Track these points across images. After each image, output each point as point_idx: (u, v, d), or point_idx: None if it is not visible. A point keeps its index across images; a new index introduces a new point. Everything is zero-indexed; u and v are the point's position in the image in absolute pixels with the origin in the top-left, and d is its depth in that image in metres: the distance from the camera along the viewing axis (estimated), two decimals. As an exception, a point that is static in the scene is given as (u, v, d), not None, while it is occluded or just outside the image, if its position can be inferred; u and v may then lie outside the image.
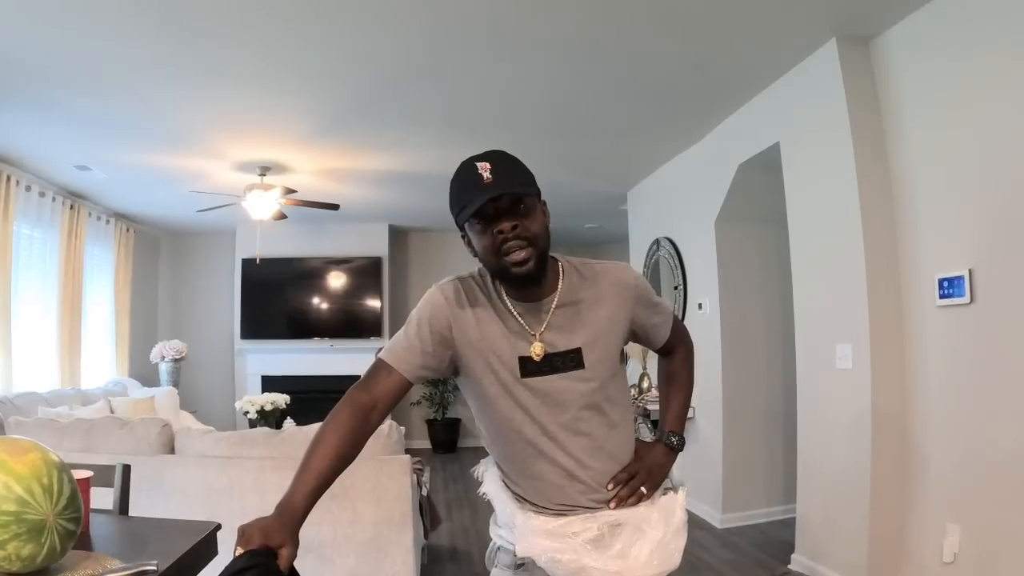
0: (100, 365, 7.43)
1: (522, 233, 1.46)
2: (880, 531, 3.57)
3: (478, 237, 1.49)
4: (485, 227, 1.47)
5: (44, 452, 1.35)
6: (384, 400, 1.51)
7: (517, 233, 1.45)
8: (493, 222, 1.46)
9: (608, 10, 3.44)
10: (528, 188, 1.49)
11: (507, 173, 1.47)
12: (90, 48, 3.72)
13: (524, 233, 1.46)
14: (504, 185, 1.45)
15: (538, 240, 1.48)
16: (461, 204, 1.48)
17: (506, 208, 1.46)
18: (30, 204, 5.97)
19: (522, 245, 1.46)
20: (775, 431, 5.31)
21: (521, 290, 1.55)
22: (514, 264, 1.46)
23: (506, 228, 1.45)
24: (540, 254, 1.49)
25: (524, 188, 1.48)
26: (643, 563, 1.49)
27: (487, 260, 1.51)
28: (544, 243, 1.50)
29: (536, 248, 1.48)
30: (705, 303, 5.58)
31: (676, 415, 1.80)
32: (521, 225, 1.46)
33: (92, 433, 3.57)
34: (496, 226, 1.46)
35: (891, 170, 3.66)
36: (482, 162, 1.47)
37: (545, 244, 1.51)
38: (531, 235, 1.47)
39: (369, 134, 5.43)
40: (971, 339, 3.18)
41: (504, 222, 1.45)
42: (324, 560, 3.30)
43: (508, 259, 1.46)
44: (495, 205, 1.45)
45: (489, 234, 1.47)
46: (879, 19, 3.56)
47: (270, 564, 1.22)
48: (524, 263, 1.46)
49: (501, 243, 1.46)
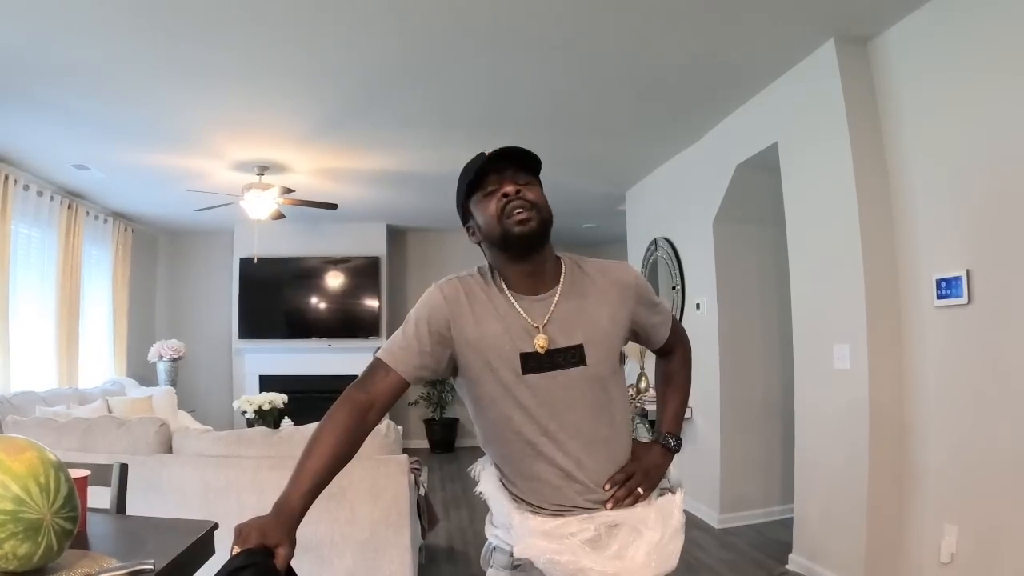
0: (98, 364, 7.41)
1: (526, 196, 1.53)
2: (877, 531, 3.58)
3: (483, 208, 1.56)
4: (490, 195, 1.55)
5: (41, 451, 1.35)
6: (381, 400, 1.52)
7: (521, 196, 1.53)
8: (497, 190, 1.54)
9: (606, 10, 3.44)
10: (531, 161, 1.58)
11: (511, 149, 1.56)
12: (89, 48, 3.71)
13: (527, 197, 1.53)
14: (508, 151, 1.55)
15: (540, 207, 1.55)
16: (466, 179, 1.57)
17: (510, 176, 1.54)
18: (28, 203, 5.96)
19: (526, 207, 1.52)
20: (773, 431, 5.32)
21: (523, 276, 1.58)
22: (517, 223, 1.51)
23: (510, 191, 1.52)
24: (543, 220, 1.54)
25: (528, 159, 1.57)
26: (640, 564, 1.49)
27: (491, 228, 1.55)
28: (547, 213, 1.56)
29: (539, 214, 1.53)
30: (703, 303, 5.58)
31: (673, 416, 1.80)
32: (524, 190, 1.54)
33: (89, 432, 3.56)
34: (501, 190, 1.53)
35: (889, 171, 3.66)
36: (487, 152, 1.56)
37: (548, 215, 1.57)
38: (534, 200, 1.54)
39: (367, 134, 5.43)
40: (968, 340, 3.18)
41: (508, 186, 1.53)
42: (321, 560, 3.30)
43: (511, 219, 1.52)
44: (499, 176, 1.54)
45: (494, 199, 1.54)
46: (877, 20, 3.57)
47: (267, 563, 1.22)
48: (527, 222, 1.52)
49: (505, 205, 1.52)
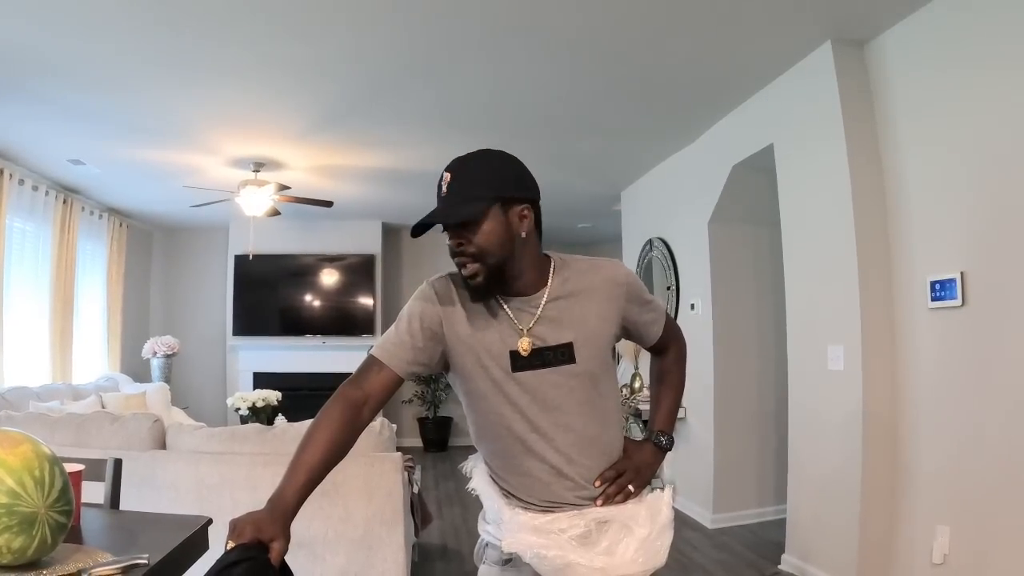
0: (91, 360, 7.41)
1: (466, 250, 1.49)
2: (870, 532, 3.59)
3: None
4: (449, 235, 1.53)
5: (36, 444, 1.35)
6: (375, 396, 1.52)
7: (462, 250, 1.50)
8: (448, 233, 1.52)
9: (604, 9, 3.45)
10: (475, 202, 1.47)
11: (462, 185, 1.49)
12: (85, 43, 3.71)
13: (468, 249, 1.49)
14: (446, 205, 1.50)
15: (484, 255, 1.48)
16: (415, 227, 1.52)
17: (453, 224, 1.50)
18: (23, 198, 5.95)
19: (468, 260, 1.50)
20: (766, 431, 5.34)
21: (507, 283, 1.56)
22: (465, 277, 1.53)
23: (452, 245, 1.52)
24: (491, 267, 1.50)
25: (469, 206, 1.47)
26: (629, 560, 1.50)
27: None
28: (496, 255, 1.49)
29: (484, 263, 1.49)
30: (698, 303, 5.58)
31: (666, 414, 1.81)
32: (466, 243, 1.49)
33: (83, 428, 3.56)
34: (448, 238, 1.52)
35: (884, 173, 3.67)
36: (448, 171, 1.52)
37: (498, 255, 1.49)
38: (476, 251, 1.48)
39: (363, 131, 5.43)
40: (962, 342, 3.20)
41: (452, 238, 1.51)
42: (315, 557, 3.30)
43: (461, 271, 1.53)
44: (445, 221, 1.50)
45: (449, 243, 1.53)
46: (874, 23, 3.58)
47: (261, 558, 1.23)
48: (473, 277, 1.51)
49: (453, 255, 1.53)
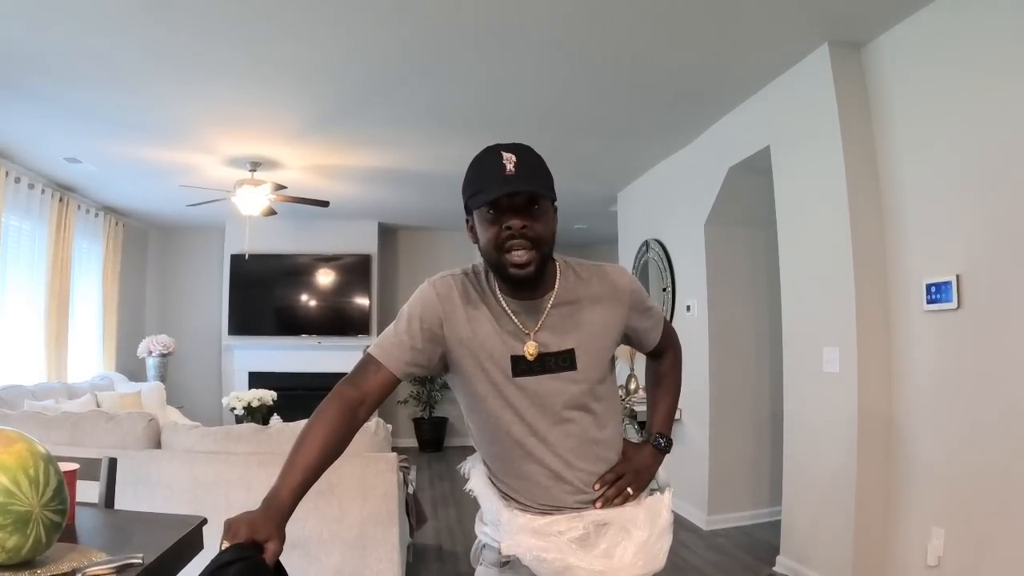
0: (87, 359, 7.39)
1: (529, 233, 1.44)
2: (865, 534, 3.59)
3: (485, 226, 1.47)
4: (495, 219, 1.45)
5: (30, 443, 1.35)
6: (372, 396, 1.50)
7: (524, 233, 1.43)
8: (503, 216, 1.44)
9: (601, 11, 3.45)
10: (548, 191, 1.48)
11: (530, 170, 1.45)
12: (82, 40, 3.70)
13: (531, 234, 1.44)
14: (527, 181, 1.43)
15: (543, 243, 1.46)
16: (477, 188, 1.46)
17: (521, 205, 1.44)
18: (19, 196, 5.93)
19: (526, 246, 1.44)
20: (762, 433, 5.34)
21: (517, 288, 1.52)
22: (513, 265, 1.44)
23: (515, 225, 1.43)
24: (542, 258, 1.47)
25: (544, 189, 1.47)
26: (628, 563, 1.49)
27: (488, 252, 1.48)
28: (548, 248, 1.48)
29: (539, 251, 1.45)
30: (693, 305, 5.59)
31: (664, 417, 1.81)
32: (530, 226, 1.44)
33: (78, 427, 3.55)
34: (506, 220, 1.44)
35: (880, 175, 3.68)
36: (508, 152, 1.45)
37: (549, 249, 1.49)
38: (538, 237, 1.45)
39: (360, 131, 5.42)
40: (958, 344, 3.20)
41: (515, 218, 1.43)
42: (309, 557, 3.29)
43: (509, 257, 1.44)
44: (510, 200, 1.43)
45: (497, 227, 1.44)
46: (872, 25, 3.58)
47: (256, 558, 1.22)
48: (525, 266, 1.44)
49: (507, 239, 1.44)
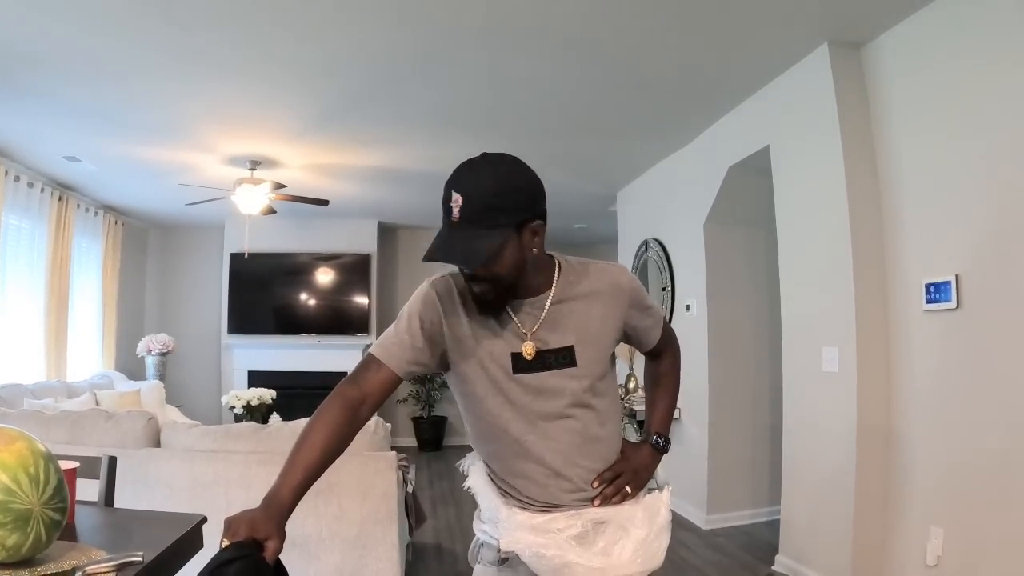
0: (86, 358, 7.39)
1: (481, 276, 1.45)
2: (864, 534, 3.60)
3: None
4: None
5: (31, 441, 1.35)
6: (373, 395, 1.51)
7: (475, 277, 1.46)
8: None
9: (602, 11, 3.45)
10: (491, 234, 1.38)
11: (475, 211, 1.38)
12: (82, 39, 3.70)
13: (483, 276, 1.44)
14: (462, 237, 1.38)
15: (499, 280, 1.45)
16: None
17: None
18: (19, 195, 5.93)
19: (485, 287, 1.46)
20: (760, 433, 5.34)
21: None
22: (475, 294, 1.50)
23: (464, 274, 1.49)
24: (504, 287, 1.47)
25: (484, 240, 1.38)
26: (626, 561, 1.50)
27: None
28: (510, 276, 1.46)
29: (498, 285, 1.46)
30: (693, 304, 5.59)
31: (662, 417, 1.81)
32: (480, 278, 1.45)
33: (78, 425, 3.55)
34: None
35: (880, 175, 3.68)
36: (457, 191, 1.39)
37: (512, 275, 1.46)
38: (490, 277, 1.44)
39: (361, 130, 5.42)
40: (957, 344, 3.20)
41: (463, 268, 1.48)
42: (309, 556, 3.30)
43: (471, 287, 1.49)
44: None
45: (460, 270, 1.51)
46: (871, 26, 3.59)
47: (256, 556, 1.23)
48: (483, 296, 1.48)
49: (465, 277, 1.50)
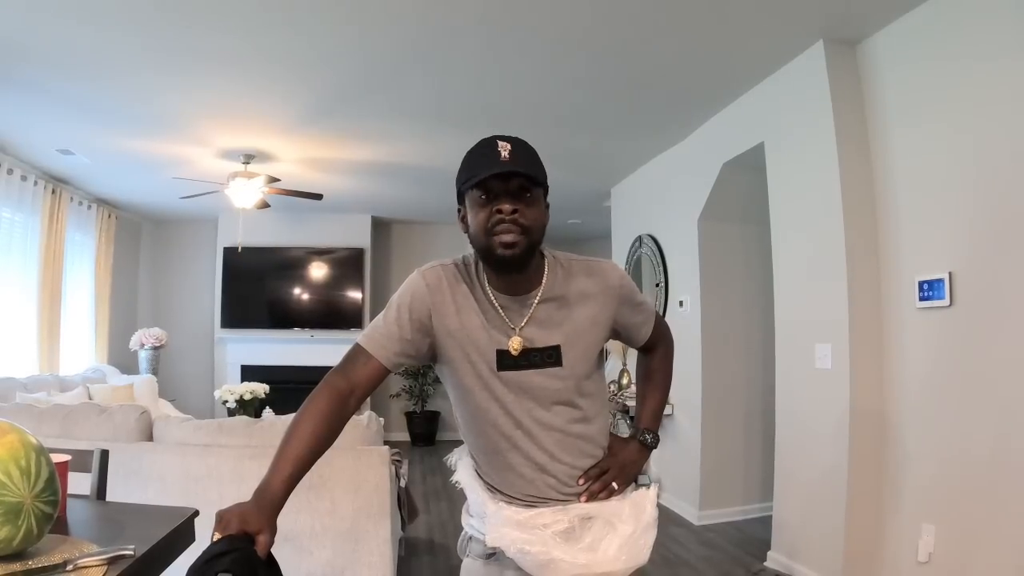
0: (79, 351, 7.36)
1: (519, 219, 1.44)
2: (856, 530, 3.61)
3: (475, 210, 1.48)
4: (486, 202, 1.46)
5: (22, 434, 1.35)
6: (362, 386, 1.51)
7: (515, 218, 1.44)
8: (495, 200, 1.45)
9: (598, 7, 3.45)
10: (541, 179, 1.50)
11: (525, 158, 1.48)
12: (75, 31, 3.68)
13: (521, 219, 1.44)
14: (520, 166, 1.45)
15: (532, 231, 1.47)
16: (471, 173, 1.47)
17: (512, 191, 1.45)
18: (11, 187, 5.91)
19: (515, 230, 1.44)
20: (753, 429, 5.36)
21: (504, 278, 1.53)
22: (502, 245, 1.45)
23: (506, 209, 1.44)
24: (530, 244, 1.47)
25: (538, 176, 1.48)
26: (612, 557, 1.50)
27: (477, 237, 1.49)
28: (538, 236, 1.49)
29: (528, 237, 1.46)
30: (686, 301, 5.60)
31: (652, 413, 1.81)
32: (521, 211, 1.45)
33: (70, 419, 3.54)
34: (497, 204, 1.45)
35: (874, 173, 3.69)
36: (504, 142, 1.47)
37: (538, 237, 1.50)
38: (528, 223, 1.45)
39: (355, 124, 5.41)
40: (950, 342, 3.22)
41: (506, 202, 1.44)
42: (301, 550, 3.29)
43: (497, 239, 1.45)
44: (503, 185, 1.44)
45: (487, 210, 1.45)
46: (867, 23, 3.59)
47: (248, 550, 1.23)
48: (512, 246, 1.44)
49: (496, 223, 1.44)
